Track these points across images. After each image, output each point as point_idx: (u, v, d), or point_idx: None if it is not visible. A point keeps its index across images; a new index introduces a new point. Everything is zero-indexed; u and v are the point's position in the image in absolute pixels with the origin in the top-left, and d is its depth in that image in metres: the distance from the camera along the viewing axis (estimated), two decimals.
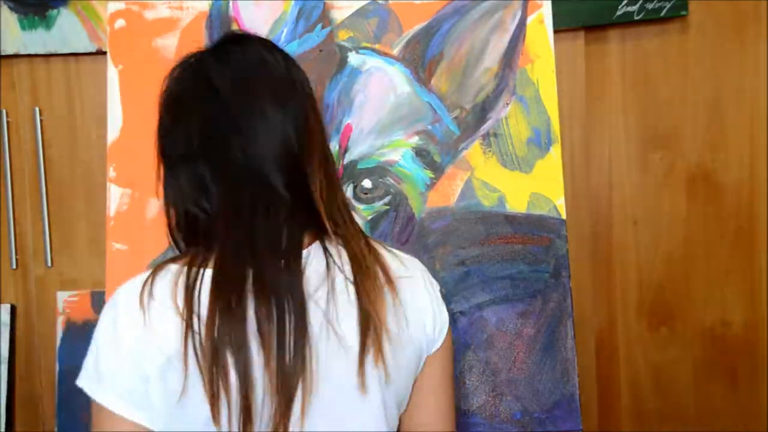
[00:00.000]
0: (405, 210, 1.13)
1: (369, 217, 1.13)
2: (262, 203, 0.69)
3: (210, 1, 1.17)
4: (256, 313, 0.66)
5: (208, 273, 0.68)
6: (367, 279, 0.70)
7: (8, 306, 1.42)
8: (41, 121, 1.41)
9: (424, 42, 1.16)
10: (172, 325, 0.66)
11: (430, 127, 1.14)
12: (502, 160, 1.14)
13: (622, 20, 1.31)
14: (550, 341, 1.10)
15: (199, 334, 0.64)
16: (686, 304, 1.38)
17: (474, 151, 1.14)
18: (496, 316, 1.10)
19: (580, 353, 1.20)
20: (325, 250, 0.72)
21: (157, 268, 0.70)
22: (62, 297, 1.40)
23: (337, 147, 1.13)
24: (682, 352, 1.38)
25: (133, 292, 0.68)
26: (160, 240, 1.12)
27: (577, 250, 1.32)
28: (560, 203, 1.12)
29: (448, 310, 1.09)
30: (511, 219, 1.12)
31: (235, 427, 0.64)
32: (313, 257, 0.71)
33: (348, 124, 1.14)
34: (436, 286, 0.81)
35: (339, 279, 0.71)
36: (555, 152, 1.13)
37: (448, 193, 1.14)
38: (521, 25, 1.15)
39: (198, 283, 0.67)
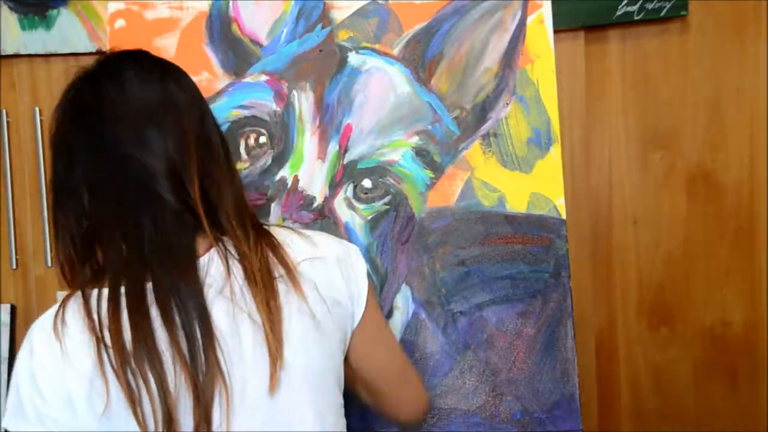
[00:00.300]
0: (405, 210, 1.13)
1: (369, 217, 1.13)
2: (148, 216, 0.72)
3: (210, 1, 1.17)
4: (165, 324, 0.68)
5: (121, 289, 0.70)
6: (253, 285, 0.72)
7: (8, 306, 1.42)
8: (41, 121, 1.41)
9: (424, 42, 1.16)
10: (87, 347, 0.67)
11: (430, 127, 1.14)
12: (502, 160, 1.14)
13: (622, 20, 1.31)
14: (550, 341, 1.10)
15: (111, 348, 0.66)
16: (686, 304, 1.38)
17: (474, 151, 1.14)
18: (496, 316, 1.10)
19: (580, 353, 1.20)
20: (221, 255, 0.73)
21: (65, 297, 0.73)
22: (62, 297, 1.40)
23: (337, 147, 1.13)
24: (682, 352, 1.38)
25: (47, 323, 0.71)
26: None
27: (577, 250, 1.32)
28: (560, 203, 1.12)
29: (448, 310, 1.10)
30: (511, 219, 1.12)
31: None
32: (210, 264, 0.73)
33: (348, 124, 1.14)
34: (352, 256, 0.83)
35: (236, 286, 0.72)
36: (555, 152, 1.13)
37: (448, 193, 1.14)
38: (521, 25, 1.15)
39: (104, 301, 0.69)
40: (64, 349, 0.68)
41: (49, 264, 1.42)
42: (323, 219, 1.12)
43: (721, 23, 1.34)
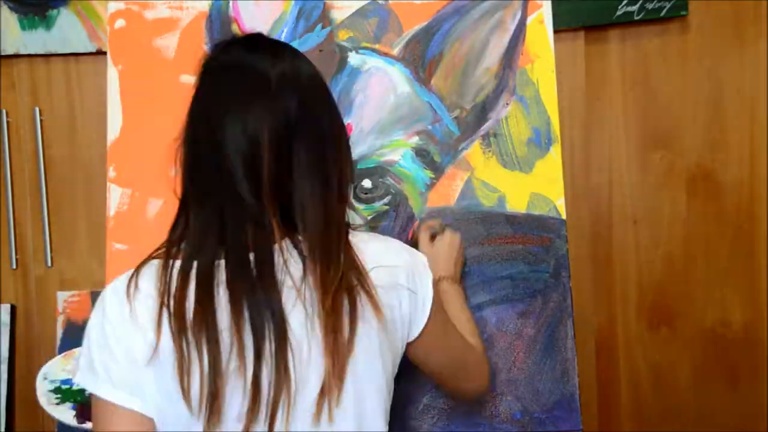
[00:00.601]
0: (405, 210, 1.13)
1: (369, 217, 1.13)
2: (229, 203, 0.72)
3: (210, 1, 1.17)
4: (232, 309, 0.68)
5: (193, 264, 0.71)
6: (326, 300, 0.71)
7: (8, 306, 1.42)
8: (41, 121, 1.41)
9: (424, 42, 1.16)
10: (154, 312, 0.69)
11: (430, 127, 1.14)
12: (502, 160, 1.14)
13: (622, 20, 1.31)
14: (550, 341, 1.10)
15: (171, 318, 0.68)
16: (686, 304, 1.38)
17: (474, 151, 1.14)
18: (496, 316, 1.10)
19: (580, 353, 1.20)
20: (297, 256, 0.73)
21: (141, 263, 0.74)
22: (62, 297, 1.40)
23: None
24: (682, 352, 1.38)
25: (120, 286, 0.72)
26: (159, 240, 1.12)
27: (577, 250, 1.32)
28: (560, 203, 1.12)
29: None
30: (511, 219, 1.12)
31: (203, 414, 0.66)
32: (283, 262, 0.72)
33: (348, 124, 1.14)
34: (420, 267, 0.82)
35: (308, 294, 0.72)
36: (555, 152, 1.13)
37: (448, 193, 1.14)
38: (521, 25, 1.15)
39: (175, 271, 0.70)
40: (133, 311, 0.70)
41: (49, 264, 1.42)
42: None
43: (721, 23, 1.34)
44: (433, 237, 1.06)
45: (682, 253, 1.37)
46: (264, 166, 0.72)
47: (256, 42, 0.80)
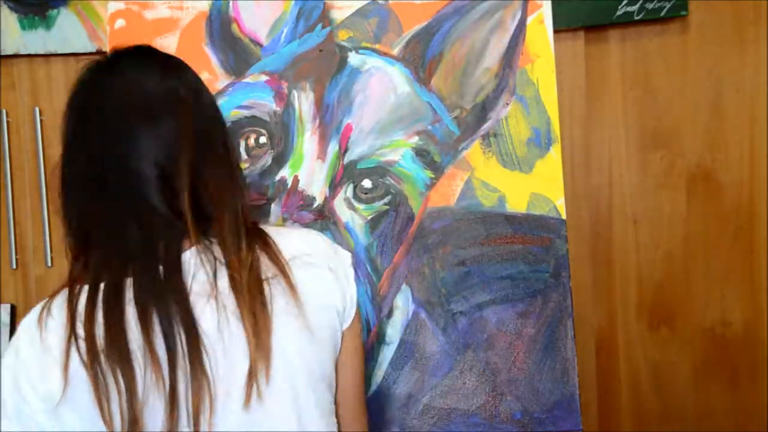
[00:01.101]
0: (405, 210, 1.13)
1: (369, 217, 1.13)
2: (135, 219, 0.71)
3: (210, 1, 1.17)
4: (141, 324, 0.67)
5: (100, 286, 0.70)
6: (239, 294, 0.71)
7: (8, 306, 1.42)
8: (41, 121, 1.41)
9: (424, 42, 1.16)
10: (65, 341, 0.68)
11: (430, 127, 1.14)
12: (502, 160, 1.14)
13: (622, 20, 1.31)
14: (550, 341, 1.10)
15: (79, 341, 0.67)
16: (686, 304, 1.38)
17: (474, 151, 1.14)
18: (496, 316, 1.10)
19: (580, 353, 1.20)
20: (208, 261, 0.72)
21: (54, 292, 0.73)
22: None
23: (337, 147, 1.13)
24: (682, 352, 1.38)
25: (32, 318, 0.71)
26: None
27: (577, 250, 1.32)
28: (560, 203, 1.12)
29: (448, 310, 1.10)
30: (511, 219, 1.12)
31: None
32: (197, 269, 0.72)
33: (348, 124, 1.14)
34: (343, 261, 0.81)
35: (222, 294, 0.71)
36: (555, 152, 1.13)
37: (448, 193, 1.14)
38: (521, 25, 1.15)
39: (82, 297, 0.69)
40: (44, 340, 0.68)
41: (49, 264, 1.42)
42: (323, 219, 1.12)
43: (721, 23, 1.34)
44: None
45: (682, 253, 1.37)
46: (181, 176, 0.72)
47: (145, 56, 0.80)
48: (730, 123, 1.35)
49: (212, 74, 1.16)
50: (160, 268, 0.70)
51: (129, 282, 0.70)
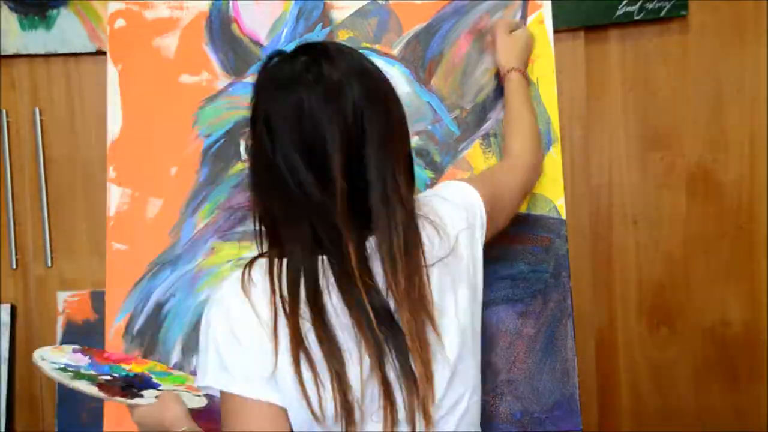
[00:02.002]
0: None
1: None
2: (317, 213, 0.72)
3: (210, 1, 1.17)
4: (351, 313, 0.69)
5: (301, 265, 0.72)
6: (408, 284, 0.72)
7: (8, 306, 1.42)
8: (41, 121, 1.41)
9: (424, 42, 1.16)
10: (271, 311, 0.70)
11: (430, 127, 1.14)
12: None
13: (622, 20, 1.31)
14: (550, 341, 1.10)
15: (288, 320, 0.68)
16: (686, 304, 1.38)
17: (474, 151, 1.14)
18: (496, 316, 1.10)
19: (580, 353, 1.20)
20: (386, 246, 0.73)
21: (248, 263, 0.74)
22: (62, 297, 1.40)
23: None
24: (682, 352, 1.38)
25: (235, 285, 0.72)
26: (159, 240, 1.12)
27: (577, 250, 1.32)
28: (560, 203, 1.12)
29: None
30: (511, 219, 1.12)
31: (339, 420, 0.67)
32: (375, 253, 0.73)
33: None
34: (471, 197, 0.88)
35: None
36: (555, 152, 1.13)
37: None
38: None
39: (284, 270, 0.71)
40: (254, 308, 0.70)
41: (49, 264, 1.42)
42: None
43: (721, 23, 1.34)
44: (510, 32, 1.11)
45: (682, 253, 1.37)
46: (337, 175, 0.71)
47: (310, 49, 0.79)
48: (730, 123, 1.35)
49: (212, 74, 1.16)
50: (352, 256, 0.71)
51: (324, 263, 0.71)
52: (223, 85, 1.16)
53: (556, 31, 1.17)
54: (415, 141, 1.12)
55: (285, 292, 0.69)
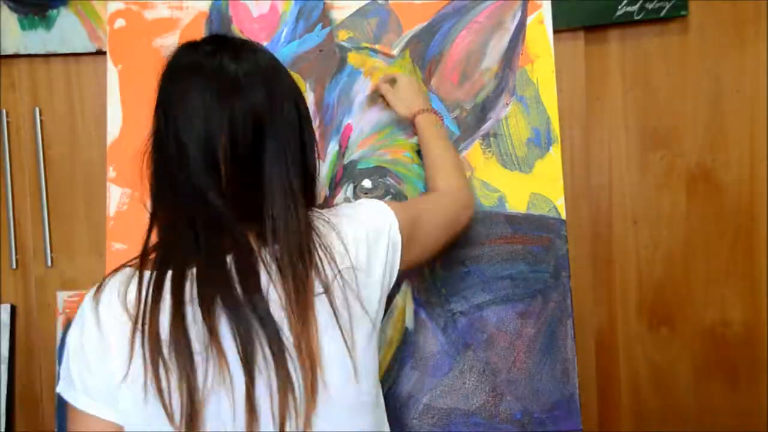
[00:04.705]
0: None
1: None
2: (199, 208, 0.72)
3: (210, 1, 1.17)
4: (206, 321, 0.68)
5: (167, 275, 0.70)
6: (295, 294, 0.71)
7: (8, 306, 1.42)
8: (41, 121, 1.41)
9: (424, 42, 1.16)
10: (124, 328, 0.69)
11: None
12: (502, 160, 1.14)
13: (622, 20, 1.31)
14: (550, 341, 1.10)
15: (144, 332, 0.67)
16: (686, 304, 1.38)
17: (474, 152, 1.14)
18: (496, 316, 1.10)
19: (580, 353, 1.20)
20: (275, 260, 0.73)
21: (113, 271, 0.74)
22: (62, 297, 1.40)
23: (337, 147, 1.13)
24: (682, 352, 1.38)
25: (89, 297, 0.72)
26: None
27: (577, 250, 1.32)
28: (560, 203, 1.12)
29: (448, 310, 1.10)
30: (511, 219, 1.12)
31: (183, 426, 0.66)
32: (265, 266, 0.72)
33: (348, 124, 1.14)
34: (378, 216, 0.83)
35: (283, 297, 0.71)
36: (555, 152, 1.13)
37: None
38: (521, 25, 1.15)
39: (146, 285, 0.70)
40: (104, 324, 0.69)
41: (49, 264, 1.42)
42: None
43: (721, 23, 1.34)
44: (390, 83, 1.10)
45: (682, 253, 1.37)
46: (227, 173, 0.72)
47: (216, 42, 0.79)
48: (730, 123, 1.35)
49: None
50: (230, 264, 0.70)
51: (193, 274, 0.70)
52: None
53: (556, 31, 1.17)
54: (415, 141, 1.12)
55: (146, 315, 0.68)
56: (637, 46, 1.36)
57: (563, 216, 1.12)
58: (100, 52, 1.36)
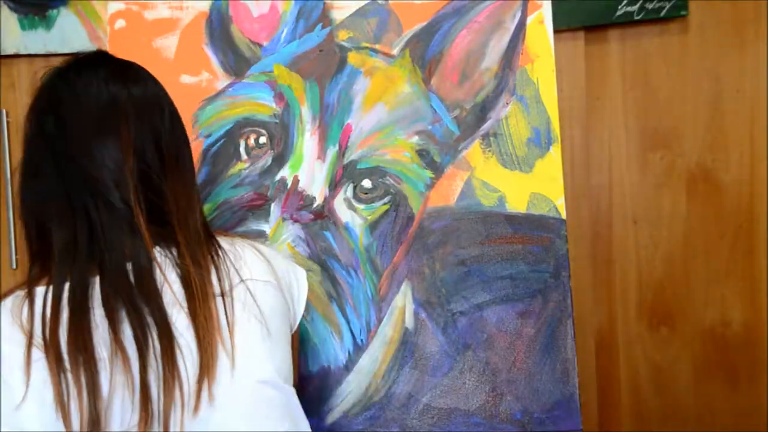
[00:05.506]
0: (405, 210, 1.13)
1: (369, 218, 1.13)
2: (101, 217, 0.73)
3: (210, 1, 1.17)
4: (111, 326, 0.68)
5: (65, 287, 0.71)
6: (192, 300, 0.72)
7: None
8: None
9: (424, 42, 1.16)
10: (21, 347, 0.68)
11: (430, 127, 1.14)
12: (502, 160, 1.14)
13: (622, 20, 1.31)
14: (550, 341, 1.10)
15: (45, 348, 0.67)
16: (686, 304, 1.38)
17: (474, 151, 1.14)
18: (496, 316, 1.10)
19: (580, 353, 1.20)
20: (167, 264, 0.74)
21: (4, 296, 0.73)
22: None
23: (337, 147, 1.13)
24: (682, 352, 1.38)
25: None
26: None
27: (577, 250, 1.32)
28: (560, 203, 1.12)
29: (448, 310, 1.10)
30: (511, 219, 1.12)
31: None
32: (161, 267, 0.73)
33: (348, 124, 1.14)
34: (300, 281, 0.87)
35: (177, 296, 0.73)
36: (555, 152, 1.13)
37: (448, 193, 1.14)
38: (521, 25, 1.15)
39: (43, 300, 0.70)
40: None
41: None
42: (323, 219, 1.12)
43: (721, 23, 1.34)
44: None
45: (682, 253, 1.37)
46: (133, 173, 0.74)
47: (103, 62, 0.82)
48: (730, 123, 1.35)
49: (212, 74, 1.16)
50: (129, 266, 0.71)
51: (95, 282, 0.70)
52: (223, 85, 1.16)
53: (556, 31, 1.17)
54: (415, 141, 1.12)
55: (46, 331, 0.68)
56: (637, 46, 1.36)
57: (563, 216, 1.12)
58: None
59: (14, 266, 1.43)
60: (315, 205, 1.12)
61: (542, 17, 1.15)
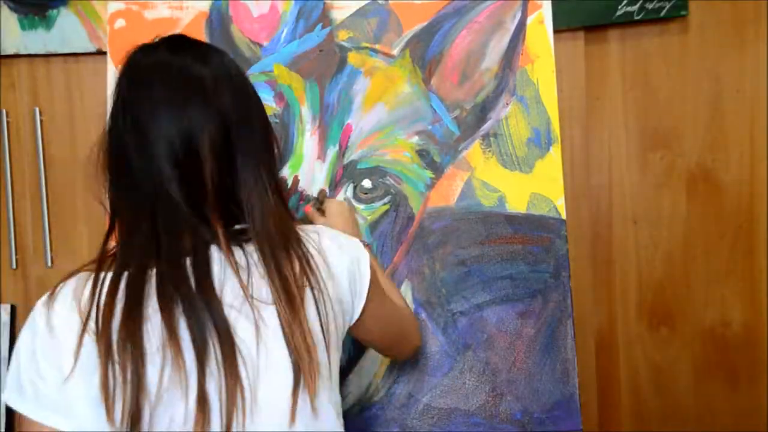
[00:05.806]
0: (405, 210, 1.13)
1: (369, 217, 1.13)
2: (162, 208, 0.71)
3: (210, 1, 1.17)
4: (165, 323, 0.67)
5: (123, 276, 0.70)
6: (279, 302, 0.71)
7: (8, 306, 1.42)
8: (41, 121, 1.41)
9: (424, 42, 1.16)
10: (75, 329, 0.67)
11: (430, 127, 1.14)
12: (502, 160, 1.14)
13: (622, 20, 1.31)
14: (550, 341, 1.10)
15: (97, 335, 0.66)
16: (686, 304, 1.38)
17: (474, 151, 1.14)
18: (496, 316, 1.10)
19: (580, 353, 1.20)
20: (240, 265, 0.72)
21: (68, 276, 0.73)
22: None
23: (337, 147, 1.13)
24: (682, 352, 1.38)
25: (42, 302, 0.71)
26: None
27: (577, 250, 1.32)
28: (560, 203, 1.12)
29: (448, 310, 1.10)
30: (511, 219, 1.12)
31: (126, 427, 0.65)
32: (224, 271, 0.72)
33: (348, 124, 1.14)
34: (358, 251, 0.84)
35: (258, 298, 0.71)
36: (555, 152, 1.13)
37: (448, 193, 1.14)
38: (521, 26, 1.15)
39: (101, 286, 0.69)
40: (56, 327, 0.68)
41: (49, 264, 1.42)
42: None
43: (721, 23, 1.34)
44: (320, 210, 1.06)
45: (682, 253, 1.37)
46: (206, 170, 0.71)
47: (181, 43, 0.79)
48: (730, 123, 1.35)
49: None
50: (188, 264, 0.70)
51: (152, 275, 0.69)
52: None
53: (556, 31, 1.17)
54: (415, 141, 1.12)
55: (98, 316, 0.67)
56: (637, 46, 1.36)
57: (563, 216, 1.12)
58: (100, 52, 1.36)
59: (14, 266, 1.43)
60: (315, 206, 1.12)
61: (542, 17, 1.15)
